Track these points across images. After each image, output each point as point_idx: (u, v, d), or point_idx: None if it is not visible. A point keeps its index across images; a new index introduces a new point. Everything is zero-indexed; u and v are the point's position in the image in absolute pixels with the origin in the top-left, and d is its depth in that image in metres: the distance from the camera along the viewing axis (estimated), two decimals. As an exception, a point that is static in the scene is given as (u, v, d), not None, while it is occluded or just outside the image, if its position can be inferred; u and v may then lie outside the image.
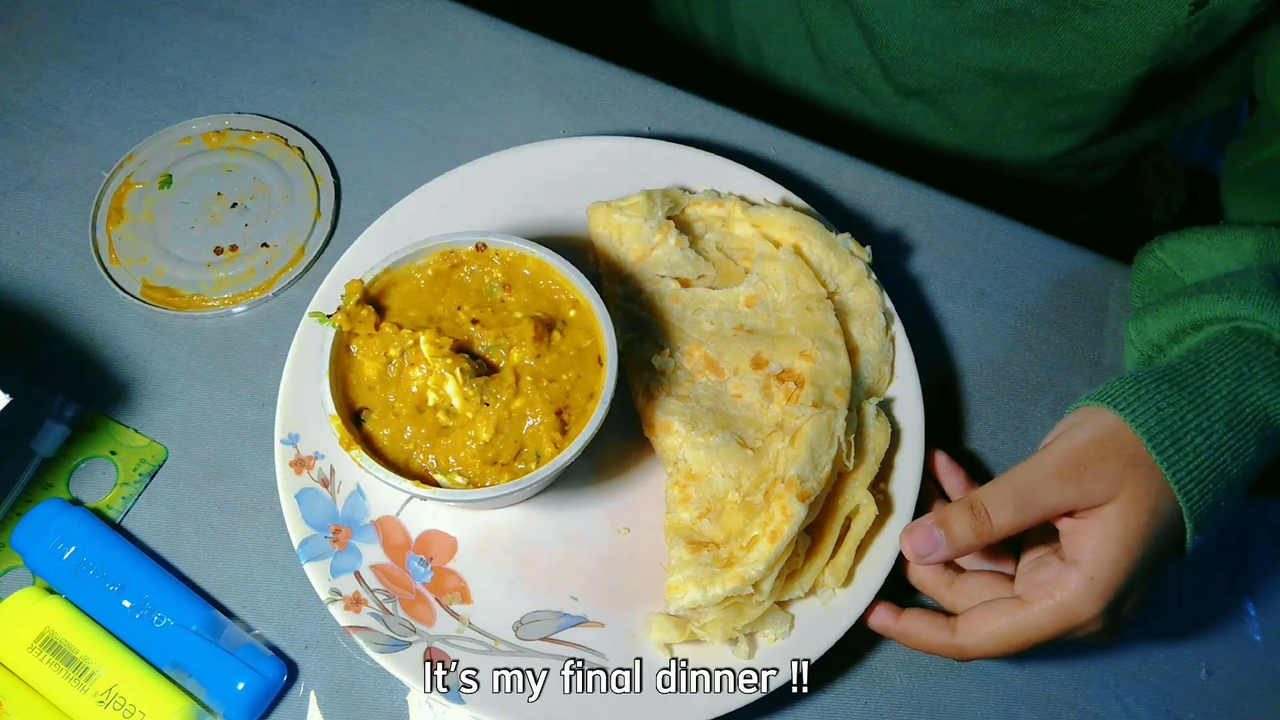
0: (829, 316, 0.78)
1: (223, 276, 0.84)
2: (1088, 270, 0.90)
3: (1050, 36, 0.88)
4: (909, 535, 0.68)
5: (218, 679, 0.69)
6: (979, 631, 0.66)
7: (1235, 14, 0.81)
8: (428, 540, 0.73)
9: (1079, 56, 0.88)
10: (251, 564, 0.75)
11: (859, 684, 0.74)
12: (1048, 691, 0.75)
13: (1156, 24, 0.82)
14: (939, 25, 0.92)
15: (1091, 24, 0.85)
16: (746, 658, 0.69)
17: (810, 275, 0.79)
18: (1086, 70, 0.90)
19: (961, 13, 0.89)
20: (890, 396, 0.78)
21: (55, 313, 0.83)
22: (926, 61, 0.97)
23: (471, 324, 0.71)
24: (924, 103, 1.02)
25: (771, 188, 0.85)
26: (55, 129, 0.90)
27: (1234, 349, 0.70)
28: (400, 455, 0.67)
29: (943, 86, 0.99)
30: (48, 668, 0.68)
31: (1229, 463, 0.66)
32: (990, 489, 0.67)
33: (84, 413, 0.78)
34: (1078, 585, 0.64)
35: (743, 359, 0.76)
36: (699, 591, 0.67)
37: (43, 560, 0.71)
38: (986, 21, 0.89)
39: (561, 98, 0.94)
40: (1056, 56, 0.89)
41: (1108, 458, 0.65)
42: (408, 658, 0.68)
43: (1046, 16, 0.86)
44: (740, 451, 0.72)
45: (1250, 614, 0.80)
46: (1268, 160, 0.87)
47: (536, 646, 0.70)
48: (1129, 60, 0.87)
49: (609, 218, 0.80)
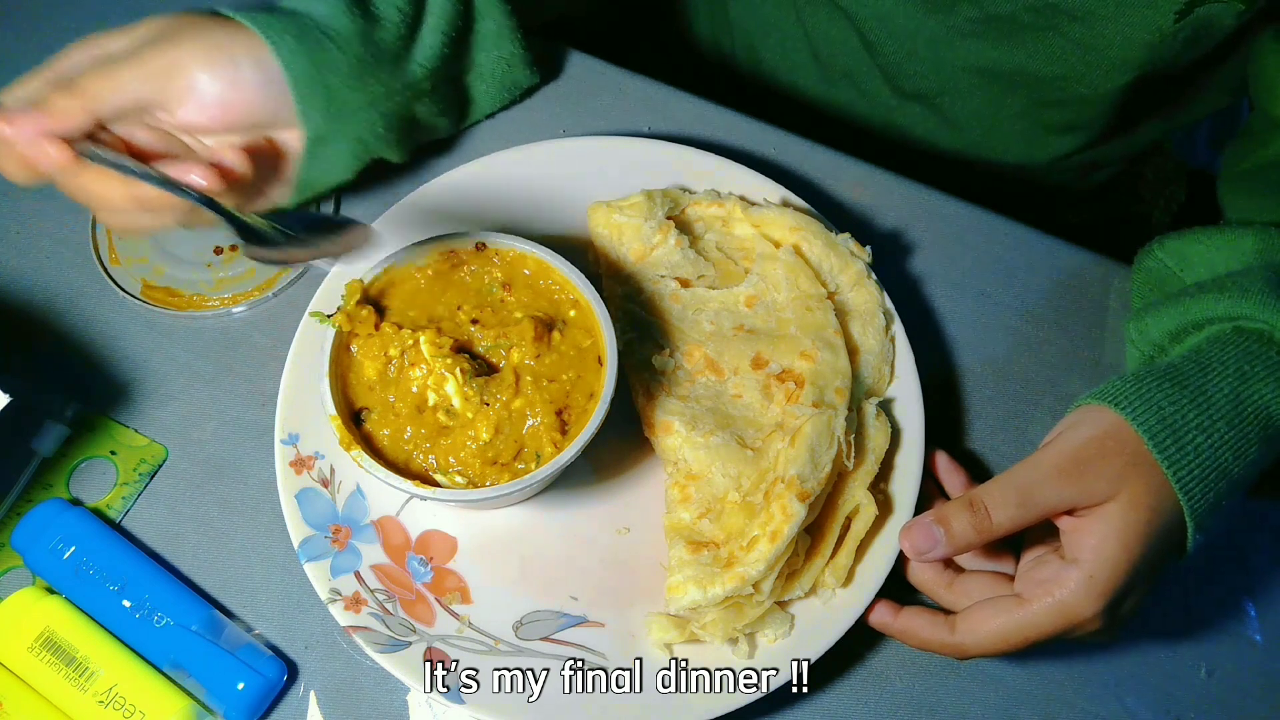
0: (829, 316, 0.78)
1: (223, 276, 0.85)
2: (1088, 270, 0.90)
3: (1039, 42, 0.88)
4: (908, 532, 0.68)
5: (218, 679, 0.69)
6: (978, 629, 0.66)
7: (1221, 21, 0.82)
8: (428, 540, 0.73)
9: (1069, 61, 0.89)
10: (251, 564, 0.75)
11: (859, 684, 0.74)
12: (1048, 691, 0.75)
13: (1143, 31, 0.83)
14: (932, 30, 0.93)
15: (1079, 31, 0.85)
16: (746, 658, 0.69)
17: (810, 275, 0.79)
18: (1077, 74, 0.90)
19: (953, 18, 0.90)
20: (890, 396, 0.78)
21: (55, 313, 0.83)
22: (922, 66, 0.97)
23: (471, 324, 0.71)
24: (922, 105, 1.02)
25: (771, 188, 0.85)
26: (55, 129, 0.90)
27: (1235, 348, 0.70)
28: (400, 455, 0.67)
29: (939, 89, 0.99)
30: (48, 668, 0.68)
31: (1230, 462, 0.66)
32: (990, 486, 0.67)
33: (84, 413, 0.78)
34: (1077, 584, 0.64)
35: (743, 359, 0.76)
36: (699, 591, 0.67)
37: (43, 560, 0.71)
38: (977, 26, 0.90)
39: (561, 98, 0.94)
40: (1046, 60, 0.90)
41: (1109, 456, 0.65)
42: (408, 658, 0.68)
43: (1034, 23, 0.86)
44: (740, 451, 0.72)
45: (1250, 614, 0.80)
46: (1266, 162, 0.87)
47: (536, 646, 0.70)
48: (1117, 66, 0.87)
49: (609, 218, 0.80)
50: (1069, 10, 0.83)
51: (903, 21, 0.93)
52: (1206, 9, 0.79)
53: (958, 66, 0.95)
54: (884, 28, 0.95)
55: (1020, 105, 0.98)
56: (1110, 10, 0.82)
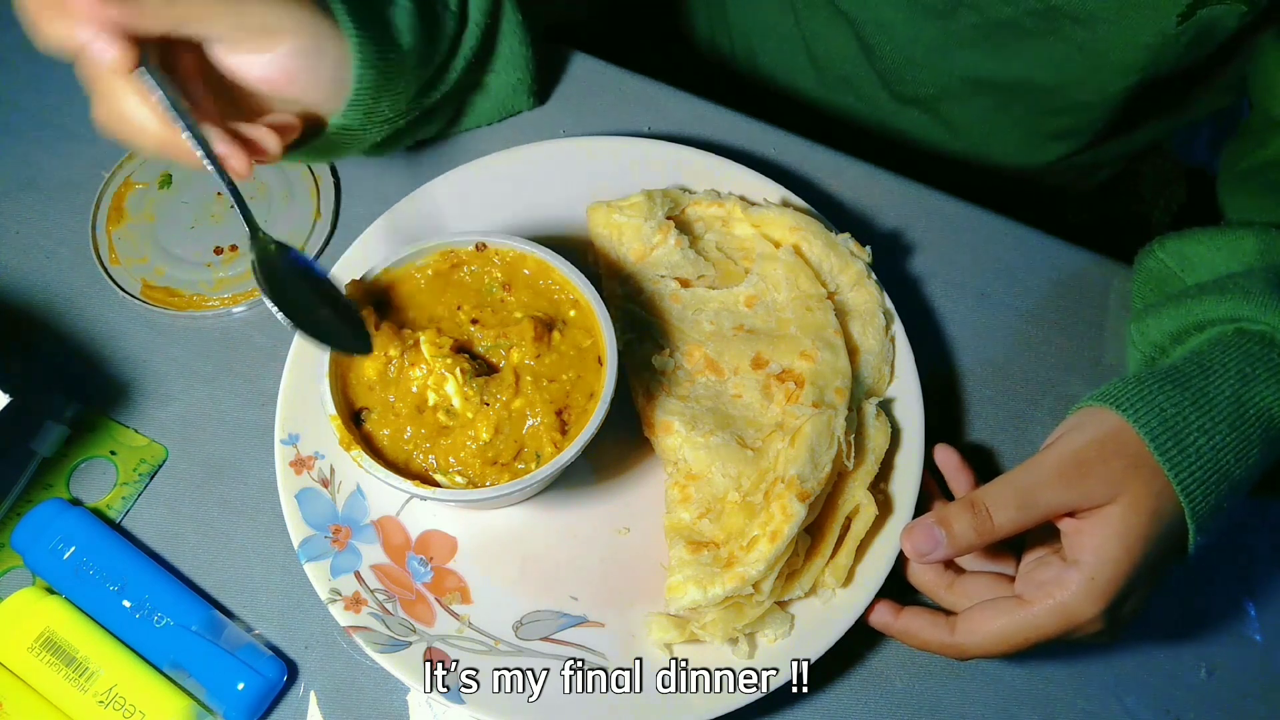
0: (829, 316, 0.78)
1: (223, 276, 0.85)
2: (1088, 270, 0.90)
3: (1041, 48, 0.88)
4: (909, 534, 0.68)
5: (218, 679, 0.69)
6: (978, 630, 0.66)
7: (1224, 23, 0.82)
8: (428, 540, 0.73)
9: (1070, 67, 0.89)
10: (251, 564, 0.75)
11: (859, 684, 0.74)
12: (1048, 691, 0.75)
13: (1145, 34, 0.83)
14: (931, 37, 0.93)
15: (1081, 35, 0.85)
16: (746, 658, 0.69)
17: (810, 275, 0.79)
18: (1078, 80, 0.90)
19: (953, 25, 0.90)
20: (890, 396, 0.78)
21: (55, 313, 0.83)
22: (920, 72, 0.97)
23: (471, 324, 0.71)
24: (920, 110, 1.02)
25: (771, 188, 0.85)
26: (55, 129, 0.90)
27: (1237, 350, 0.70)
28: (400, 455, 0.67)
29: (938, 95, 0.99)
30: (48, 668, 0.68)
31: (1232, 464, 0.66)
32: (992, 488, 0.67)
33: (84, 413, 0.78)
34: (1078, 585, 0.64)
35: (743, 359, 0.76)
36: (699, 591, 0.67)
37: (43, 560, 0.71)
38: (977, 33, 0.90)
39: (561, 98, 0.94)
40: (1048, 67, 0.90)
41: (1110, 458, 0.65)
42: (408, 658, 0.68)
43: (1037, 28, 0.86)
44: (740, 451, 0.72)
45: (1250, 614, 0.80)
46: (1265, 162, 0.87)
47: (536, 646, 0.70)
48: (1120, 70, 0.87)
49: (609, 218, 0.80)
50: (1071, 13, 0.83)
51: (902, 28, 0.93)
52: (1209, 11, 0.79)
53: (956, 75, 0.95)
54: (883, 33, 0.95)
55: (1019, 112, 0.98)
56: (1113, 13, 0.82)
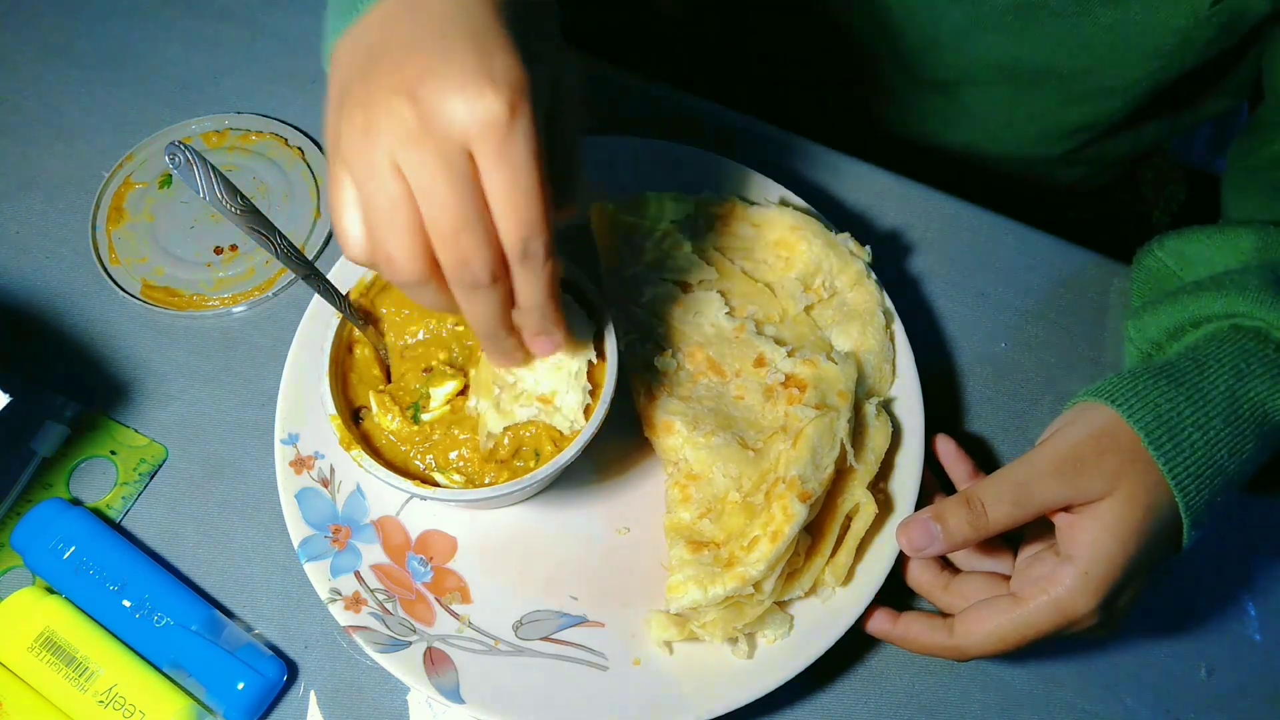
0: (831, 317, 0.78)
1: (223, 276, 0.85)
2: (1088, 270, 0.90)
3: (1069, 30, 0.87)
4: (905, 529, 0.68)
5: (218, 679, 0.69)
6: (976, 631, 0.66)
7: (1256, 7, 0.81)
8: (428, 540, 0.73)
9: (1097, 50, 0.88)
10: (251, 564, 0.75)
11: (859, 684, 0.74)
12: (1048, 691, 0.75)
13: (1178, 16, 0.82)
14: (956, 20, 0.91)
15: (1111, 16, 0.84)
16: (746, 658, 0.69)
17: (811, 275, 0.79)
18: (1104, 65, 0.89)
19: (980, 7, 0.89)
20: (890, 396, 0.78)
21: (55, 313, 0.83)
22: (943, 55, 0.96)
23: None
24: (939, 95, 1.01)
25: (772, 187, 0.85)
26: (55, 129, 0.90)
27: (1232, 346, 0.70)
28: (400, 455, 0.67)
29: (958, 80, 0.98)
30: (48, 667, 0.68)
31: (1226, 459, 0.66)
32: (987, 483, 0.67)
33: (84, 413, 0.78)
34: (1073, 580, 0.64)
35: (745, 360, 0.76)
36: (699, 591, 0.67)
37: (43, 560, 0.71)
38: (1005, 16, 0.88)
39: (561, 98, 0.94)
40: (1074, 50, 0.89)
41: (1105, 453, 0.65)
42: (408, 658, 0.68)
43: (1066, 9, 0.85)
44: (741, 452, 0.72)
45: (1250, 614, 0.80)
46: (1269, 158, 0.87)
47: (536, 646, 0.70)
48: (1147, 54, 0.86)
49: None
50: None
51: (927, 10, 0.92)
52: None
53: (979, 59, 0.94)
54: (906, 16, 0.94)
55: (1038, 99, 0.97)
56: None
